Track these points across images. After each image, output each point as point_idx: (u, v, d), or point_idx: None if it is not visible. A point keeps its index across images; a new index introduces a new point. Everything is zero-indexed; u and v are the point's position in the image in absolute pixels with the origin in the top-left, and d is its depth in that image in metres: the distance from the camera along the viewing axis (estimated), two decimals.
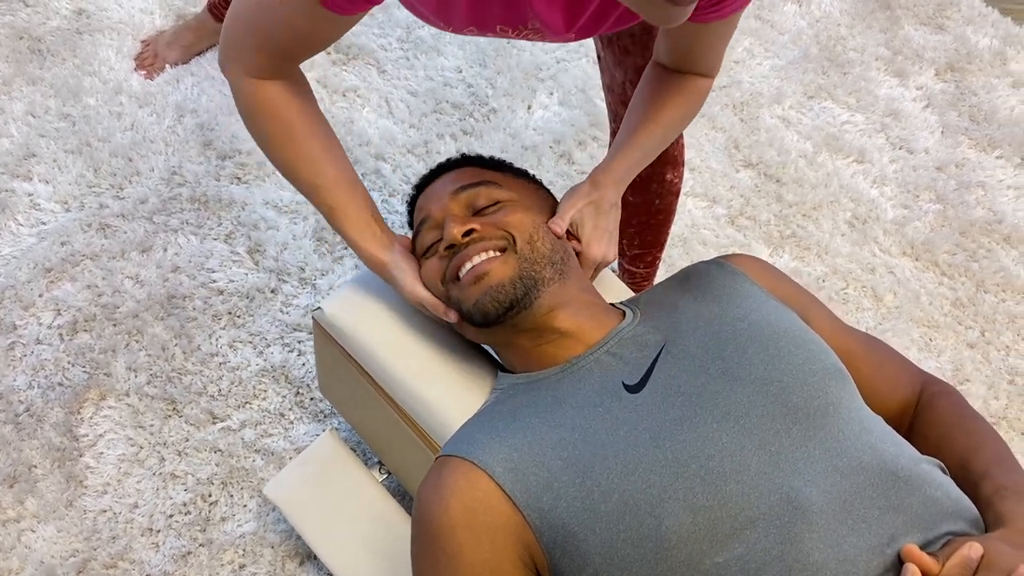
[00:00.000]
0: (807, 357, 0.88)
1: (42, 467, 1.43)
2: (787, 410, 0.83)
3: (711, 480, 0.78)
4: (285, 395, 1.53)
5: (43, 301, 1.58)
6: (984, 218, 1.90)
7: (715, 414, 0.83)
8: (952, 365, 1.70)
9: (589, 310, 0.99)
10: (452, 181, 1.07)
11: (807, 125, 2.01)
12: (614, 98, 1.28)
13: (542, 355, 0.97)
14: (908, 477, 0.81)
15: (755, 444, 0.80)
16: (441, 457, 0.90)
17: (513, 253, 0.96)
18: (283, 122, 0.98)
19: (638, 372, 0.90)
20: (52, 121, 1.79)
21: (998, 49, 2.20)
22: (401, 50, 1.99)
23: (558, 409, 0.89)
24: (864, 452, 0.81)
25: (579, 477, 0.81)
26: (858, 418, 0.85)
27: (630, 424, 0.84)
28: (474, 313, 0.96)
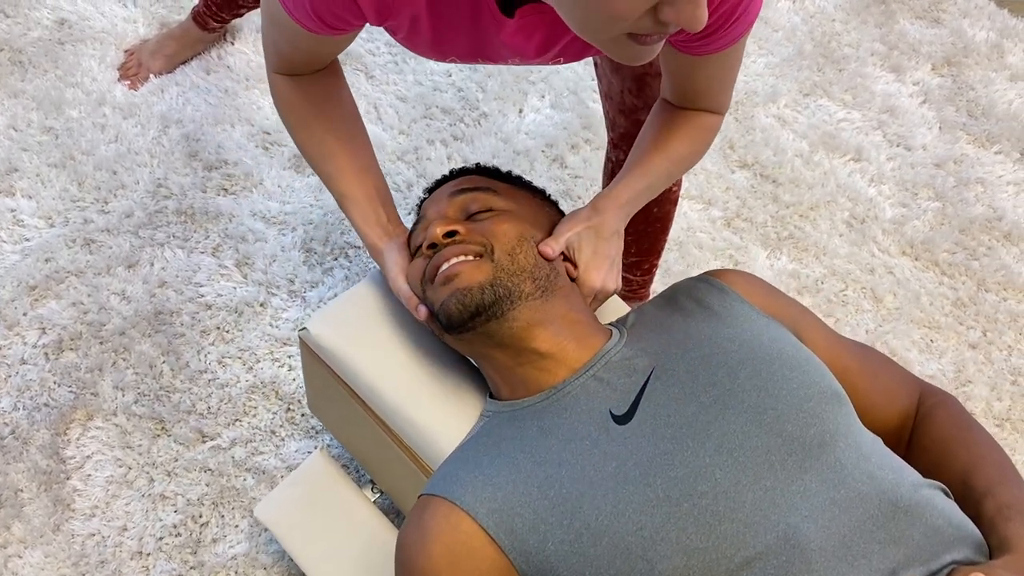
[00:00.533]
0: (802, 381, 0.85)
1: (28, 491, 1.40)
2: (782, 440, 0.80)
3: (705, 520, 0.75)
4: (276, 412, 1.51)
5: (27, 320, 1.55)
6: (984, 215, 1.87)
7: (707, 447, 0.80)
8: (954, 367, 1.67)
9: (572, 330, 0.94)
10: (454, 185, 1.06)
11: (803, 124, 1.98)
12: (612, 106, 1.24)
13: (526, 379, 0.94)
14: (909, 507, 0.78)
15: (750, 479, 0.78)
16: (423, 497, 0.87)
17: (489, 260, 0.93)
18: (300, 113, 1.03)
19: (626, 400, 0.86)
20: (34, 134, 1.76)
21: (995, 42, 2.17)
22: (389, 55, 1.95)
23: (544, 442, 0.86)
24: (863, 482, 0.79)
25: (567, 518, 0.78)
26: (856, 444, 0.82)
27: (619, 459, 0.81)
28: (440, 314, 0.94)
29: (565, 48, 0.90)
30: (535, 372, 0.93)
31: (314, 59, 1.01)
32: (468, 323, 0.91)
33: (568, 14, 0.71)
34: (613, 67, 1.18)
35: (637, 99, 1.20)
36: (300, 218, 1.71)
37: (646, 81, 1.17)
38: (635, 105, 1.21)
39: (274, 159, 1.77)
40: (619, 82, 1.18)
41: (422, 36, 0.89)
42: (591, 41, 0.72)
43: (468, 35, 0.88)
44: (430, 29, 0.88)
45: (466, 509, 0.82)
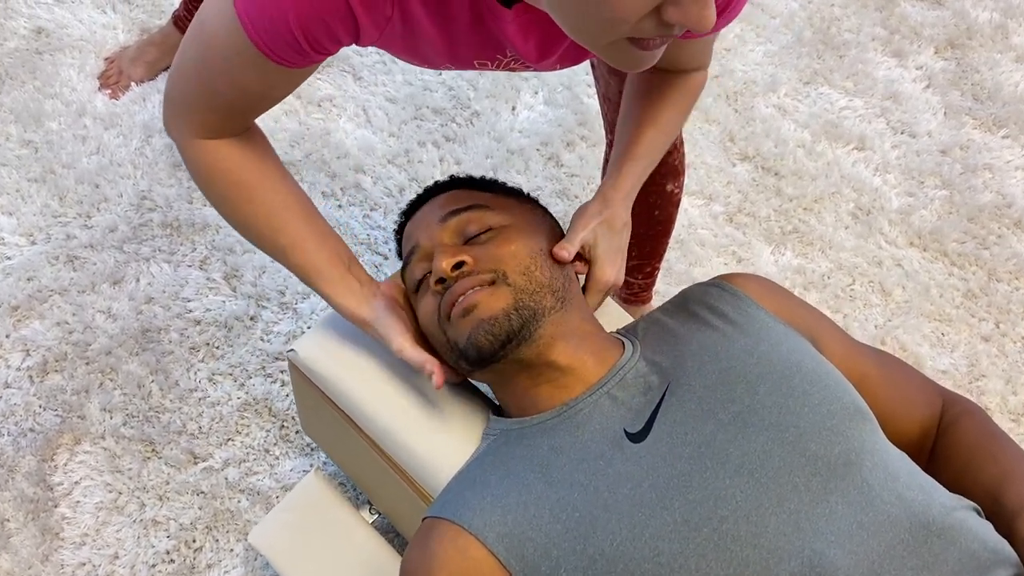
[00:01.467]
0: (824, 397, 0.80)
1: (15, 520, 1.35)
2: (806, 460, 0.75)
3: (726, 546, 0.70)
4: (269, 430, 1.46)
5: (10, 342, 1.50)
6: (993, 202, 1.82)
7: (727, 467, 0.75)
8: (967, 361, 1.63)
9: (589, 343, 0.91)
10: (441, 206, 0.98)
11: (804, 113, 1.92)
12: (611, 108, 1.19)
13: (539, 396, 0.89)
14: (942, 530, 0.73)
15: (773, 502, 0.73)
16: (428, 520, 0.83)
17: (504, 284, 0.88)
18: (237, 182, 0.89)
19: (641, 418, 0.82)
20: (13, 148, 1.71)
21: (999, 23, 2.11)
22: (377, 55, 1.90)
23: (555, 461, 0.82)
24: (892, 504, 0.74)
25: (580, 544, 0.74)
26: (883, 463, 0.77)
27: (634, 480, 0.76)
28: (468, 350, 0.87)
29: (563, 54, 0.84)
30: (551, 388, 0.89)
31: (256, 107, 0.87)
32: (499, 352, 0.86)
33: (563, 17, 0.66)
34: (611, 68, 1.12)
35: None
36: None
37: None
38: None
39: None
40: (617, 84, 1.13)
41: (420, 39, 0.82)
42: (588, 47, 0.67)
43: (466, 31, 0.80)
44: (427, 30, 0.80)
45: (475, 533, 0.77)
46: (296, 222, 0.93)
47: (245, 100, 0.85)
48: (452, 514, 0.80)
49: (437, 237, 0.94)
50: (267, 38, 0.75)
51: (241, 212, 0.91)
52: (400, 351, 0.92)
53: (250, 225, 0.92)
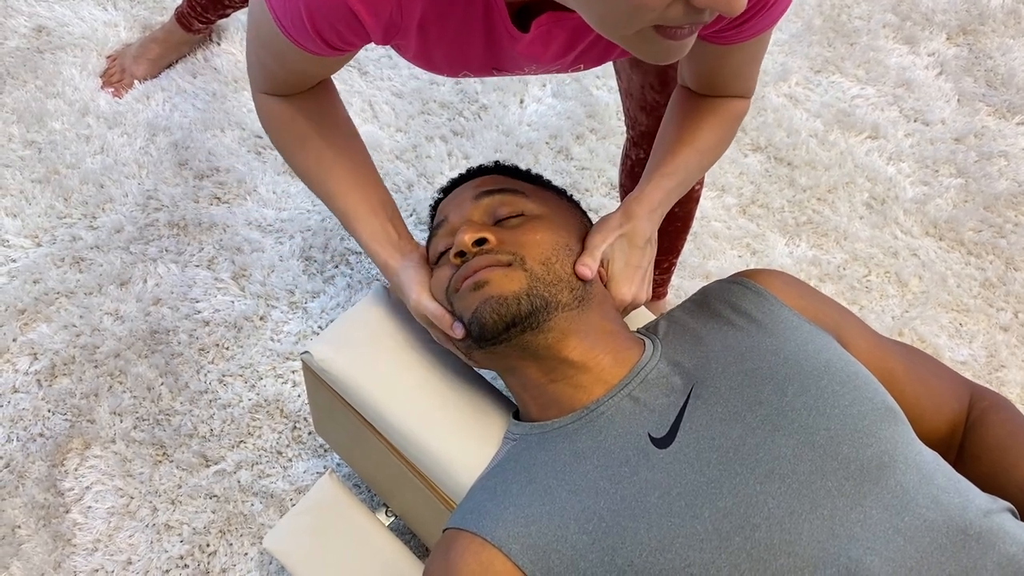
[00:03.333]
0: (854, 397, 0.78)
1: (26, 527, 1.34)
2: (838, 463, 0.73)
3: (758, 555, 0.68)
4: (281, 431, 1.44)
5: (17, 346, 1.49)
6: (1009, 190, 1.80)
7: (757, 472, 0.73)
8: (986, 351, 1.60)
9: (607, 342, 0.88)
10: (476, 186, 0.98)
11: (816, 102, 1.90)
12: (632, 103, 1.17)
13: (558, 397, 0.87)
14: (980, 533, 0.71)
15: (806, 508, 0.71)
16: (450, 531, 0.81)
17: (520, 269, 0.86)
18: (295, 131, 0.94)
19: (665, 422, 0.80)
20: (16, 149, 1.69)
21: (1012, 7, 2.08)
22: (383, 49, 1.87)
23: (578, 467, 0.80)
24: (928, 508, 0.72)
25: (608, 555, 0.72)
26: (916, 465, 0.75)
27: (662, 488, 0.74)
28: (472, 324, 0.85)
29: (584, 52, 0.82)
30: (568, 389, 0.86)
31: (307, 80, 0.92)
32: (503, 334, 0.84)
33: (588, 10, 0.64)
34: (633, 61, 1.10)
35: (660, 95, 1.12)
36: (298, 225, 1.64)
37: (669, 76, 1.09)
38: (657, 102, 1.13)
39: (267, 164, 1.70)
40: (640, 77, 1.11)
41: (434, 52, 0.82)
42: (614, 38, 0.64)
43: (482, 49, 0.80)
44: (441, 46, 0.80)
45: (498, 545, 0.75)
46: (342, 169, 0.96)
47: (293, 77, 0.89)
48: (474, 525, 0.78)
49: (467, 214, 0.93)
50: (295, 31, 0.77)
51: (295, 157, 0.96)
52: (419, 302, 0.91)
53: (301, 168, 0.97)
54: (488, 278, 0.85)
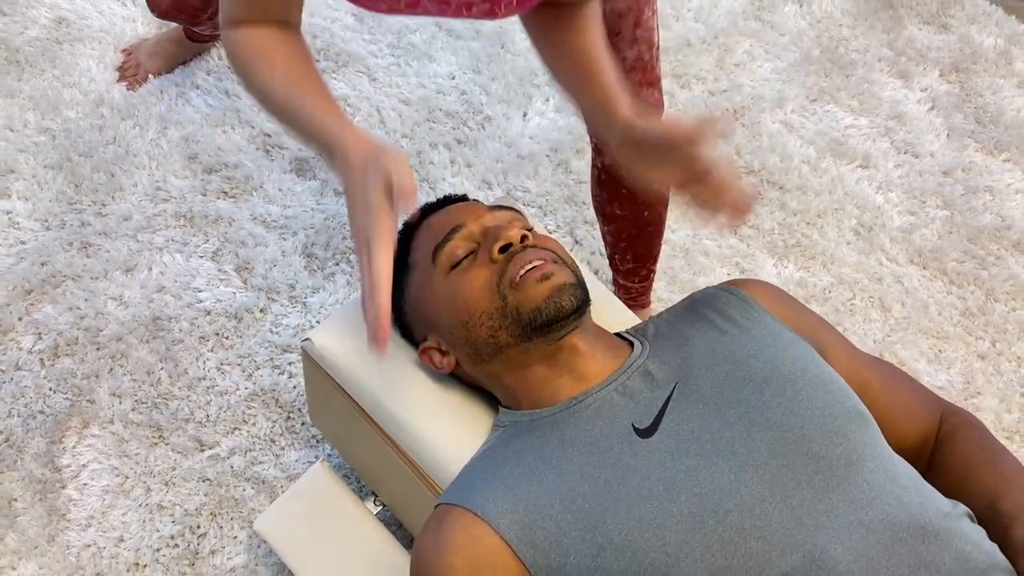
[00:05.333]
0: (827, 401, 0.83)
1: (23, 500, 1.37)
2: (808, 459, 0.78)
3: (729, 537, 0.73)
4: (276, 420, 1.48)
5: (23, 324, 1.52)
6: (993, 224, 1.85)
7: (732, 463, 0.78)
8: (962, 378, 1.65)
9: (603, 340, 0.95)
10: (478, 205, 1.02)
11: (810, 130, 1.96)
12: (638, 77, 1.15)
13: (555, 389, 0.91)
14: (938, 531, 0.76)
15: (776, 497, 0.75)
16: (441, 506, 0.85)
17: (565, 266, 0.93)
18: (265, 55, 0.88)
19: (649, 414, 0.84)
20: (31, 135, 1.73)
21: (1003, 49, 2.15)
22: (392, 56, 1.93)
23: (565, 453, 0.84)
24: (891, 505, 0.76)
25: (590, 532, 0.76)
26: (883, 466, 0.80)
27: (642, 474, 0.79)
28: (543, 309, 0.88)
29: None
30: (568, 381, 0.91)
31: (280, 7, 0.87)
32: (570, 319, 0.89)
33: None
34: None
35: None
36: (301, 222, 1.68)
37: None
38: None
39: (275, 162, 1.75)
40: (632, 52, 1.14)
41: None
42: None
43: None
44: None
45: (487, 520, 0.79)
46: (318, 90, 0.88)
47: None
48: (466, 501, 0.82)
49: (486, 220, 0.96)
50: None
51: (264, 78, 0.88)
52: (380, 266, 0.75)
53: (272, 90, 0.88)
54: (552, 270, 0.90)
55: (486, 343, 0.93)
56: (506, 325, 0.91)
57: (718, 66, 2.05)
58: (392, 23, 1.98)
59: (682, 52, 2.06)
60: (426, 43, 1.98)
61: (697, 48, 2.07)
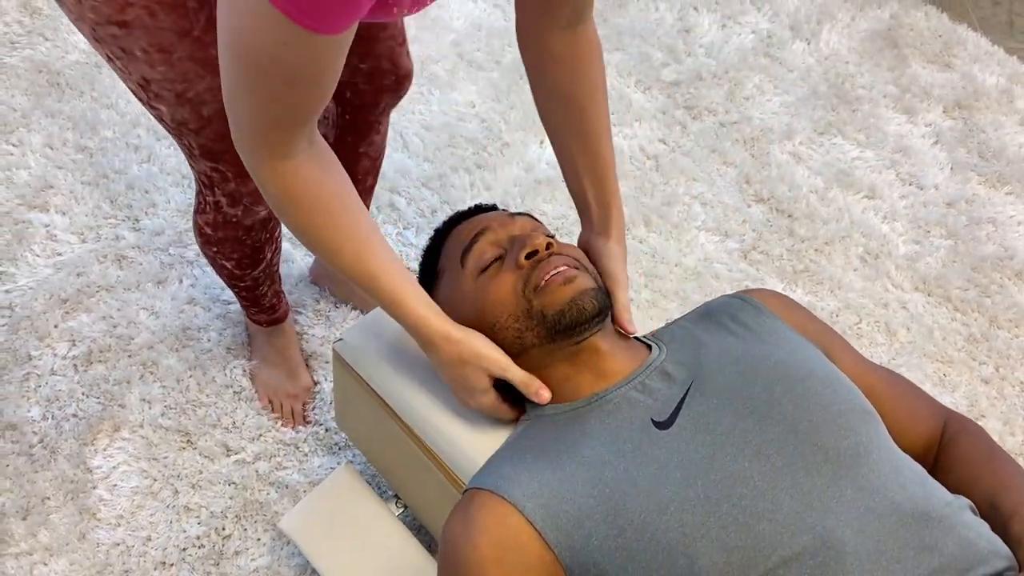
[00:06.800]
0: (835, 397, 0.87)
1: (55, 499, 1.42)
2: (817, 449, 0.82)
3: (743, 519, 0.77)
4: (300, 426, 1.53)
5: (58, 332, 1.58)
6: (995, 254, 1.91)
7: (746, 452, 0.82)
8: (967, 400, 1.70)
9: (623, 342, 1.00)
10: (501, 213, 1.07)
11: (817, 161, 2.02)
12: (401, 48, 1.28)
13: (578, 386, 0.96)
14: (941, 518, 0.80)
15: (787, 483, 0.80)
16: (469, 491, 0.89)
17: (587, 272, 0.98)
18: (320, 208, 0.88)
19: (667, 409, 0.89)
20: (70, 153, 1.81)
21: (1005, 87, 2.22)
22: (416, 86, 2.00)
23: (587, 443, 0.89)
24: (896, 492, 0.81)
25: (611, 515, 0.80)
26: (888, 458, 0.84)
27: (660, 461, 0.83)
28: (567, 312, 0.93)
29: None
30: (589, 376, 0.96)
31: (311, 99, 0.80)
32: (592, 321, 0.94)
33: None
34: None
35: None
36: None
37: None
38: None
39: None
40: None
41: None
42: None
43: None
44: None
45: (513, 502, 0.84)
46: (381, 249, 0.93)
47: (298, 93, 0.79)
48: (492, 485, 0.87)
49: (512, 227, 1.02)
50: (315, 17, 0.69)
51: (326, 238, 0.90)
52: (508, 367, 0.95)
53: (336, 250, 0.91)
54: (574, 275, 0.95)
55: (512, 344, 0.97)
56: (532, 327, 0.95)
57: (729, 99, 2.13)
58: (416, 54, 2.06)
59: (694, 85, 2.14)
60: (448, 73, 2.06)
61: (708, 82, 2.15)
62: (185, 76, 0.98)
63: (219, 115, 0.98)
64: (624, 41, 2.22)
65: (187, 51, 0.96)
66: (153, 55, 0.95)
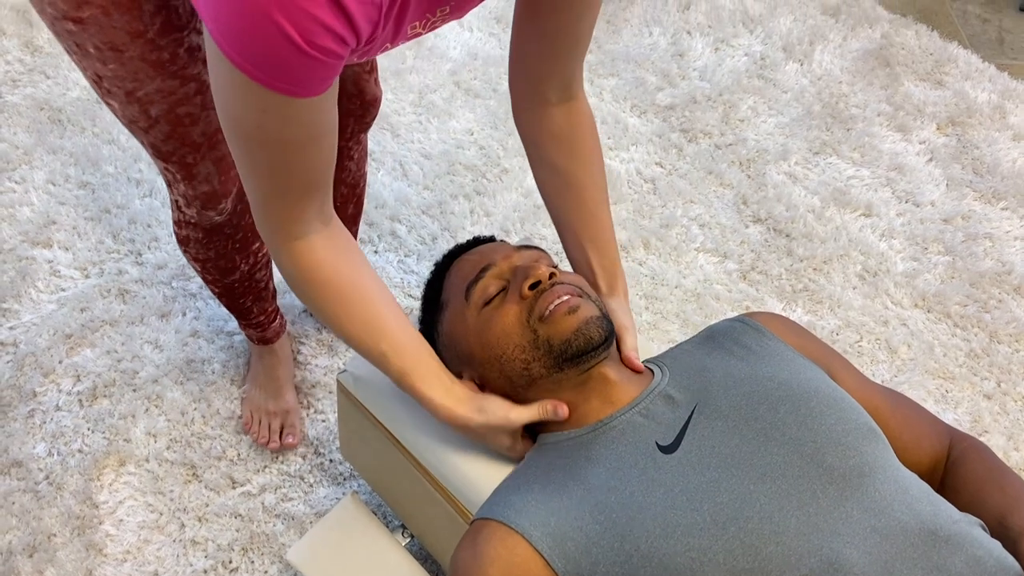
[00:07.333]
0: (839, 417, 0.88)
1: (61, 536, 1.42)
2: (823, 470, 0.83)
3: (750, 542, 0.78)
4: (305, 456, 1.53)
5: (63, 367, 1.59)
6: (993, 269, 1.92)
7: (751, 475, 0.83)
8: (970, 416, 1.70)
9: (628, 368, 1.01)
10: (505, 245, 1.08)
11: (814, 180, 2.04)
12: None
13: (582, 413, 0.97)
14: (949, 537, 0.80)
15: (793, 505, 0.80)
16: (477, 521, 0.90)
17: (590, 300, 0.99)
18: (334, 290, 0.93)
19: (671, 432, 0.90)
20: (72, 189, 1.82)
21: (997, 103, 2.24)
22: (414, 114, 2.02)
23: (592, 470, 0.89)
24: (903, 512, 0.81)
25: (617, 541, 0.81)
26: (894, 477, 0.85)
27: (666, 486, 0.84)
28: (573, 341, 0.94)
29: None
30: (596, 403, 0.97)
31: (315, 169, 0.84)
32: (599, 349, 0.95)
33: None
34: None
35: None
36: None
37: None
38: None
39: None
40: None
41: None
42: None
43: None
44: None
45: (521, 532, 0.84)
46: (393, 329, 0.96)
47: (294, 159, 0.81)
48: (500, 515, 0.87)
49: (515, 259, 1.03)
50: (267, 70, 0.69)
51: (339, 319, 0.95)
52: (517, 418, 0.96)
53: (348, 330, 0.96)
54: (578, 304, 0.96)
55: (520, 375, 0.98)
56: (538, 357, 0.96)
57: (724, 121, 2.15)
58: (414, 83, 2.08)
59: (688, 108, 2.16)
60: (446, 101, 2.08)
61: (703, 105, 2.17)
62: (135, 75, 1.00)
63: (167, 116, 1.04)
64: (619, 66, 2.24)
65: (139, 51, 0.98)
66: (105, 52, 0.98)
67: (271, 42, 0.66)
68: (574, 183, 1.12)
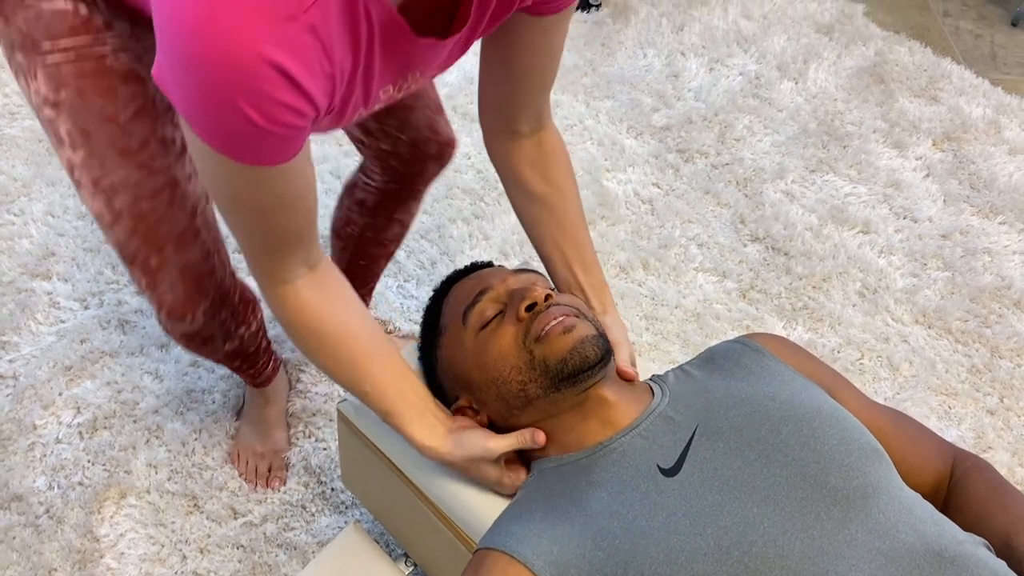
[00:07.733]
0: (843, 437, 0.88)
1: (62, 570, 1.41)
2: (827, 491, 0.82)
3: (755, 567, 0.77)
4: (307, 485, 1.52)
5: (63, 400, 1.58)
6: (993, 284, 1.92)
7: (755, 497, 0.82)
8: (973, 433, 1.69)
9: (627, 388, 1.00)
10: (502, 269, 1.09)
11: (811, 198, 2.04)
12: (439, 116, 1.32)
13: (581, 435, 0.97)
14: (954, 558, 0.80)
15: (797, 528, 0.80)
16: (480, 551, 0.89)
17: (586, 319, 0.99)
18: (318, 333, 0.95)
19: (673, 455, 0.89)
20: (71, 220, 1.82)
21: (992, 118, 2.25)
22: None
23: (594, 494, 0.89)
24: (907, 533, 0.81)
25: (620, 568, 0.80)
26: (898, 497, 0.84)
27: (669, 509, 0.83)
28: (569, 360, 0.93)
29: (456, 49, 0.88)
30: (595, 425, 0.96)
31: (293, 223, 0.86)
32: (595, 368, 0.94)
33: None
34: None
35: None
36: None
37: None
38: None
39: None
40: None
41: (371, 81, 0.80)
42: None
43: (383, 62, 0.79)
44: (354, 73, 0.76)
45: (524, 561, 0.83)
46: (376, 370, 0.98)
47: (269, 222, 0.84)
48: (502, 544, 0.87)
49: (511, 283, 1.03)
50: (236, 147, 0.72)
51: (324, 360, 0.97)
52: (496, 447, 0.97)
53: (333, 371, 0.98)
54: (574, 323, 0.96)
55: (516, 396, 0.98)
56: (535, 378, 0.96)
57: (720, 141, 2.15)
58: None
59: (684, 129, 2.17)
60: None
61: (699, 125, 2.18)
62: (103, 162, 0.99)
63: (130, 209, 1.02)
64: (614, 88, 2.25)
65: (108, 137, 0.98)
66: (76, 137, 0.98)
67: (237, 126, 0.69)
68: (554, 207, 1.14)
